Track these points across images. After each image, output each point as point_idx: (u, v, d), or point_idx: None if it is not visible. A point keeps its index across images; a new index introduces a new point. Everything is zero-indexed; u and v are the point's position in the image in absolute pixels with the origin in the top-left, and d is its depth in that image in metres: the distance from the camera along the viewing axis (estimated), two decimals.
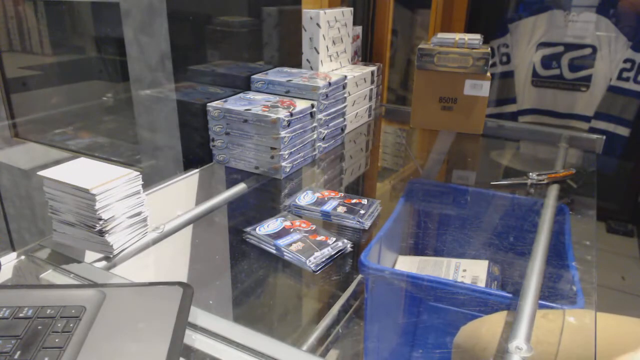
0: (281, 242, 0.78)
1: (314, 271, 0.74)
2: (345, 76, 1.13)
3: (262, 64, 1.16)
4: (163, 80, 0.94)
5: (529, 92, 1.84)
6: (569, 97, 1.79)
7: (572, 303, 0.67)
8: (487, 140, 1.30)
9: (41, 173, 0.65)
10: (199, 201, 0.96)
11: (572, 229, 0.84)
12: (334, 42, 1.22)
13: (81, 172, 0.66)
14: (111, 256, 0.66)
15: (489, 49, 1.20)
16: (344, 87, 1.12)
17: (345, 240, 0.80)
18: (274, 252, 0.78)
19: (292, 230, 0.82)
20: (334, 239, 0.80)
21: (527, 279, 0.67)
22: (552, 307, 0.65)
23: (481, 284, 0.95)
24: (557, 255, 0.80)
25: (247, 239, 0.82)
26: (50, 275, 0.62)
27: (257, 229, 0.82)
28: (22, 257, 0.66)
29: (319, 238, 0.80)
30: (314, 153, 1.05)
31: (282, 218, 0.86)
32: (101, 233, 0.64)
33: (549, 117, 1.84)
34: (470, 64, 1.19)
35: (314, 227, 0.83)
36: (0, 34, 1.14)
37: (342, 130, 1.16)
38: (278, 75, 1.09)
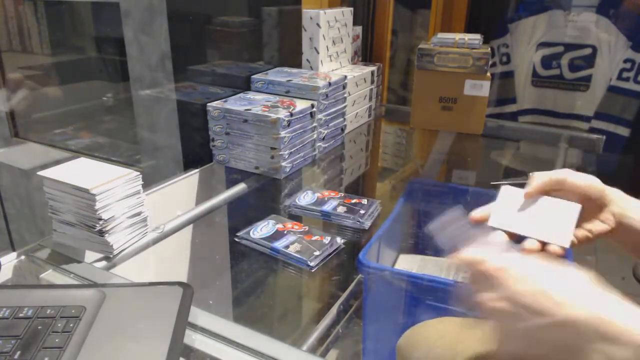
0: (278, 244, 0.78)
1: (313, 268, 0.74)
2: (345, 76, 1.13)
3: (262, 64, 1.16)
4: (163, 80, 0.94)
5: (529, 92, 1.84)
6: (569, 97, 1.79)
7: None
8: (487, 140, 1.30)
9: (41, 173, 0.65)
10: (199, 201, 0.96)
11: None
12: (334, 42, 1.22)
13: (81, 172, 0.66)
14: (111, 256, 0.66)
15: (489, 49, 1.20)
16: (344, 87, 1.12)
17: (340, 239, 0.81)
18: (272, 254, 0.78)
19: (285, 232, 0.82)
20: (329, 237, 0.80)
21: None
22: None
23: None
24: None
25: (243, 244, 0.82)
26: (50, 275, 0.62)
27: (251, 232, 0.82)
28: (22, 257, 0.66)
29: (314, 238, 0.81)
30: (314, 153, 1.05)
31: (273, 221, 0.86)
32: (101, 233, 0.64)
33: (549, 117, 1.84)
34: (470, 64, 1.19)
35: (306, 228, 0.84)
36: (1, 33, 1.14)
37: (342, 130, 1.16)
38: (278, 75, 1.09)
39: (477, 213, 0.56)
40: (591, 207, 0.55)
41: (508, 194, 0.56)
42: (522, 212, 0.55)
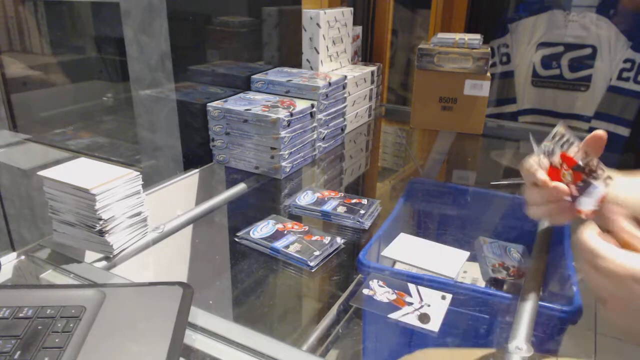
0: (278, 244, 0.78)
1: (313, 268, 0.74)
2: (345, 76, 1.13)
3: (262, 64, 1.16)
4: (163, 80, 0.94)
5: (529, 92, 1.84)
6: (569, 97, 1.79)
7: (570, 303, 0.67)
8: (487, 140, 1.30)
9: (41, 173, 0.65)
10: (199, 201, 0.96)
11: (572, 229, 0.84)
12: (334, 42, 1.22)
13: (81, 172, 0.66)
14: (111, 256, 0.66)
15: (489, 49, 1.20)
16: (344, 87, 1.12)
17: (340, 239, 0.81)
18: (272, 254, 0.78)
19: (285, 232, 0.82)
20: (329, 237, 0.80)
21: (527, 279, 0.68)
22: (551, 308, 0.65)
23: (481, 284, 0.95)
24: (556, 255, 0.80)
25: (243, 244, 0.82)
26: (50, 275, 0.62)
27: (251, 232, 0.82)
28: (22, 257, 0.66)
29: (314, 238, 0.81)
30: (314, 153, 1.05)
31: (273, 221, 0.86)
32: (101, 233, 0.64)
33: (549, 117, 1.84)
34: (470, 64, 1.19)
35: (306, 228, 0.84)
36: (0, 33, 1.14)
37: (342, 130, 1.16)
38: (278, 75, 1.09)
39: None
40: None
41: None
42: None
